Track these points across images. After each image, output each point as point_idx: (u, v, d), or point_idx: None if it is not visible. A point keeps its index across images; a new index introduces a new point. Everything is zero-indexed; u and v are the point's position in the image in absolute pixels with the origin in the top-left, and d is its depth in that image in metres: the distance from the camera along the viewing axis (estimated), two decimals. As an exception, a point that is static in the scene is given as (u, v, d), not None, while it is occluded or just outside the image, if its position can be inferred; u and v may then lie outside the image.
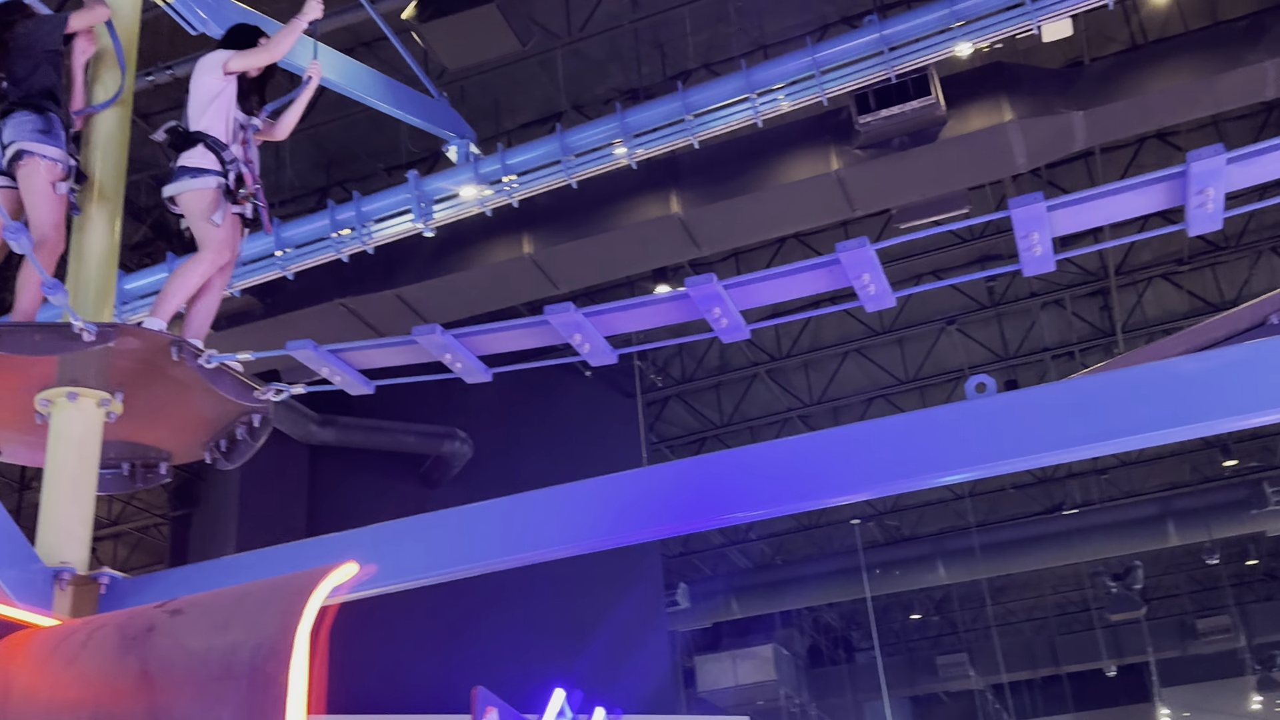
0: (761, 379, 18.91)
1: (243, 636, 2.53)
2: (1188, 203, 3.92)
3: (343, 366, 4.95)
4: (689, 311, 4.48)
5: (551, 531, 4.21)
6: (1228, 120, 13.52)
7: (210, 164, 5.08)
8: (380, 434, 15.65)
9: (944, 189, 11.16)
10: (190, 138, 5.15)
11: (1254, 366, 3.36)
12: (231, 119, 5.22)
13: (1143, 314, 18.07)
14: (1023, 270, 4.26)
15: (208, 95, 5.20)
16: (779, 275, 4.45)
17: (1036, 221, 4.03)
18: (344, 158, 13.79)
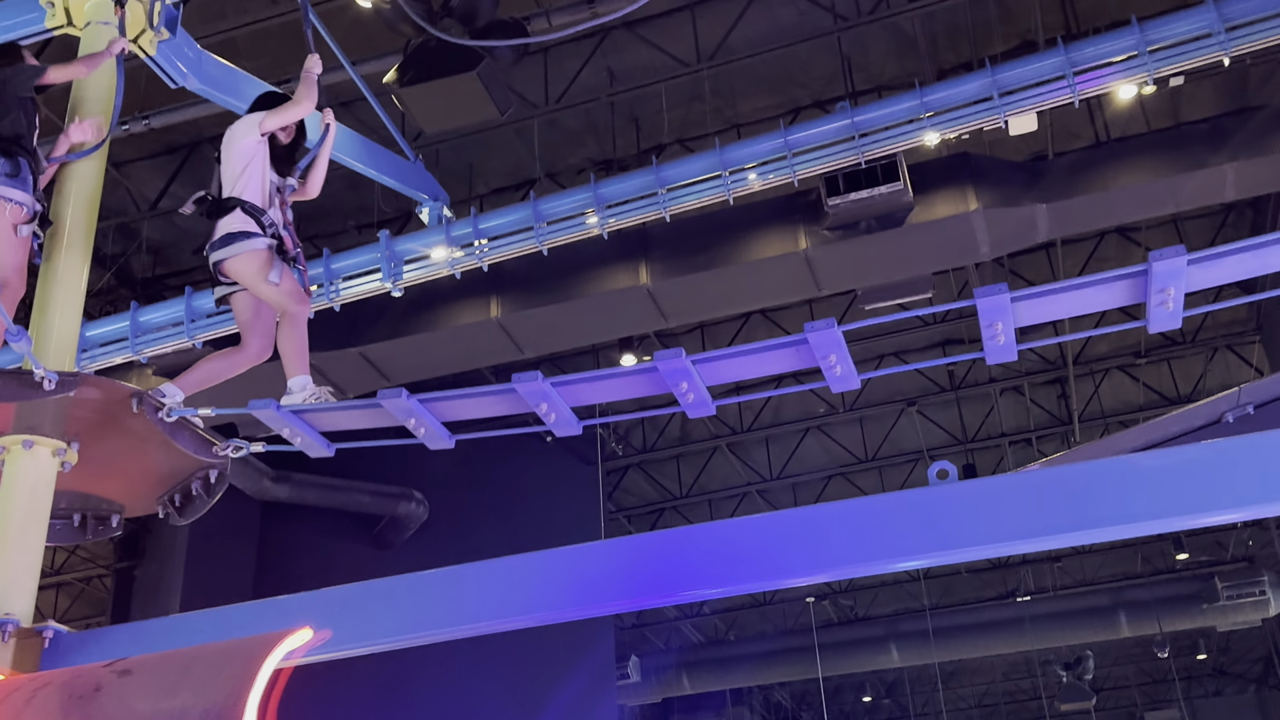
0: (722, 452, 18.92)
1: (191, 701, 2.48)
2: (1149, 300, 4.00)
3: (304, 428, 4.92)
4: (656, 385, 4.49)
5: (508, 602, 4.17)
6: (1188, 219, 13.86)
7: (252, 227, 5.11)
8: (335, 492, 15.48)
9: (909, 273, 11.32)
10: (226, 204, 5.17)
11: (1211, 466, 3.41)
12: (267, 182, 5.25)
13: (1099, 404, 18.31)
14: (986, 359, 4.33)
15: (243, 159, 5.23)
16: (747, 353, 4.49)
17: (1001, 312, 4.09)
18: (316, 214, 13.78)
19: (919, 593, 23.37)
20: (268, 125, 5.27)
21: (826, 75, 12.29)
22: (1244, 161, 10.31)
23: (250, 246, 5.07)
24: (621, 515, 20.16)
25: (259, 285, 5.13)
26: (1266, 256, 3.82)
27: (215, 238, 5.18)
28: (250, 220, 5.11)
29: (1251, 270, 3.92)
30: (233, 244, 5.09)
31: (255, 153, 5.25)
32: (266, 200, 5.22)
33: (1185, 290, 3.97)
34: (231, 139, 5.33)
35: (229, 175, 5.25)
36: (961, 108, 9.02)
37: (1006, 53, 11.61)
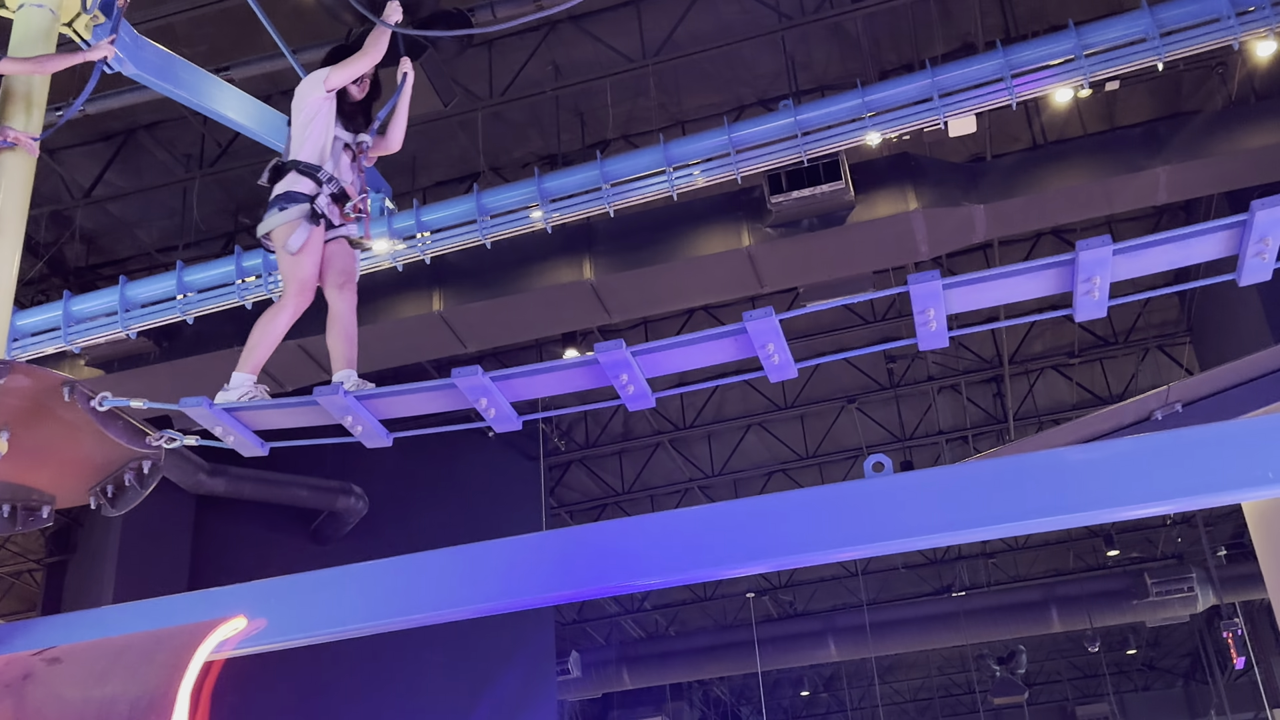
0: (665, 448, 18.98)
1: (121, 689, 2.46)
2: (1075, 289, 4.08)
3: (237, 426, 4.85)
4: (597, 378, 4.49)
5: (446, 593, 4.16)
6: (1121, 221, 14.13)
7: (304, 187, 4.94)
8: (272, 486, 15.27)
9: (850, 271, 11.44)
10: (282, 168, 5.02)
11: (1138, 460, 3.49)
12: (330, 138, 5.06)
13: (1034, 403, 18.63)
14: (918, 345, 4.40)
15: (307, 116, 5.06)
16: (686, 343, 4.51)
17: (933, 298, 4.16)
18: (253, 204, 13.60)
19: (856, 588, 23.62)
20: (333, 81, 5.06)
21: (770, 74, 12.37)
22: (1176, 165, 10.55)
23: (285, 217, 4.90)
24: (564, 511, 20.15)
25: (280, 254, 4.98)
26: (1190, 247, 3.91)
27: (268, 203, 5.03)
28: (303, 180, 4.94)
29: (1175, 261, 4.01)
30: (274, 210, 4.94)
31: (319, 109, 5.05)
32: (328, 154, 5.01)
33: (1111, 280, 4.06)
34: (298, 97, 5.13)
35: (295, 137, 5.08)
36: (902, 108, 9.14)
37: (947, 54, 11.76)
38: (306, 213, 4.92)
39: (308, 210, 4.92)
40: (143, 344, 11.29)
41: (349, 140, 5.14)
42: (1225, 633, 17.52)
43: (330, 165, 5.02)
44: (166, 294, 10.05)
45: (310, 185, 4.94)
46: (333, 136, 5.07)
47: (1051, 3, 11.66)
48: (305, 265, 4.97)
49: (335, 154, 5.06)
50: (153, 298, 10.10)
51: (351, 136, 5.15)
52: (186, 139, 12.62)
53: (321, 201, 4.95)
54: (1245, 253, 3.70)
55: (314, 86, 5.08)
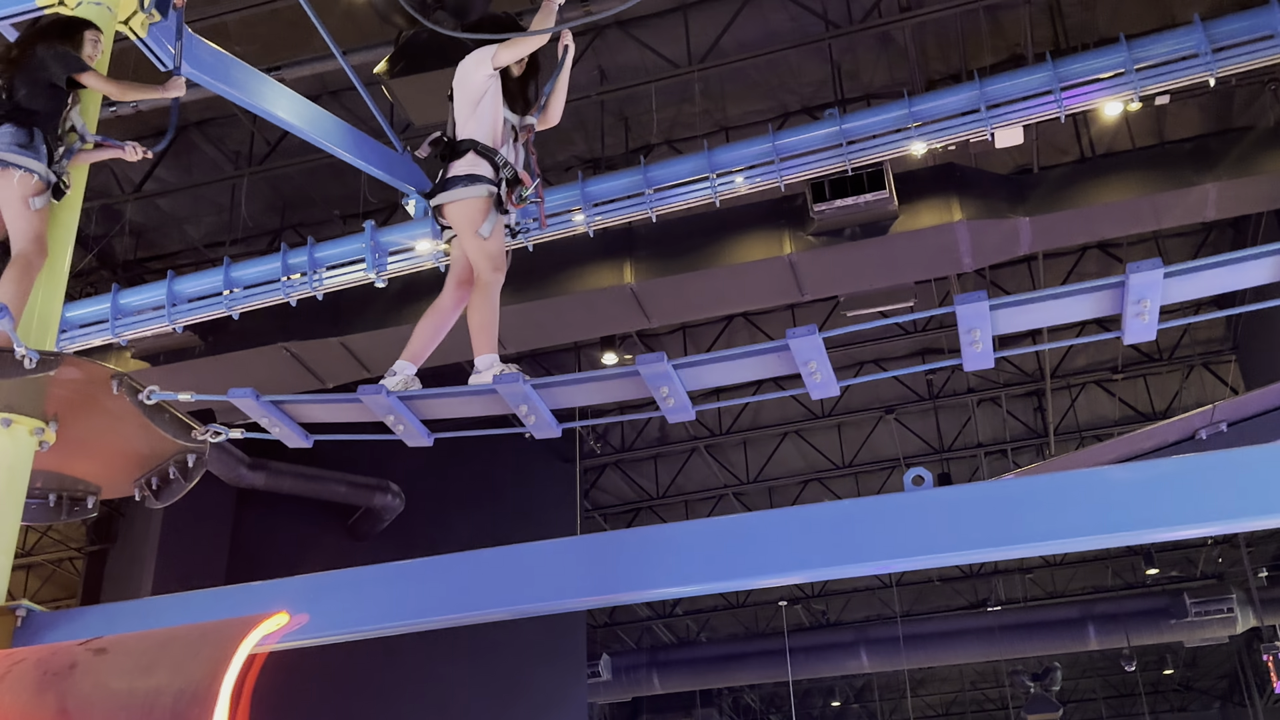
0: (700, 453, 18.97)
1: (166, 681, 2.49)
2: (1125, 312, 4.04)
3: (282, 419, 4.90)
4: (638, 389, 4.50)
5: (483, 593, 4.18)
6: (1168, 236, 13.98)
7: (484, 170, 4.84)
8: (311, 482, 15.41)
9: (891, 281, 11.39)
10: (460, 146, 4.91)
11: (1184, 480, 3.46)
12: (500, 119, 4.95)
13: (1075, 418, 18.44)
14: (963, 365, 4.37)
15: (474, 96, 4.95)
16: (728, 358, 4.52)
17: (979, 319, 4.13)
18: (300, 202, 13.77)
19: (891, 600, 23.48)
20: (501, 59, 4.92)
21: (816, 81, 12.34)
22: (1227, 182, 10.41)
23: (472, 193, 4.79)
24: (597, 514, 20.19)
25: (467, 236, 4.84)
26: (1242, 272, 3.87)
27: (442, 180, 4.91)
28: (482, 162, 4.83)
29: (1226, 285, 3.97)
30: (455, 188, 4.82)
31: (487, 89, 4.94)
32: (500, 139, 4.91)
33: (1161, 303, 4.02)
34: (462, 76, 5.03)
35: (460, 115, 4.97)
36: (949, 119, 9.09)
37: (995, 65, 11.69)
38: (493, 195, 4.82)
39: (495, 193, 4.82)
40: (188, 338, 11.44)
41: (515, 122, 5.00)
42: (1266, 655, 17.25)
43: (505, 149, 4.91)
44: (213, 289, 10.19)
45: (489, 169, 4.83)
46: (503, 118, 4.94)
47: (1103, 16, 11.56)
48: (496, 240, 4.86)
49: (504, 135, 4.94)
50: (200, 293, 10.23)
51: (518, 119, 5.01)
52: (236, 136, 12.77)
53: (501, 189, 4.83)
54: (1302, 278, 3.66)
55: (480, 64, 4.96)
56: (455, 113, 5.02)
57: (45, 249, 4.90)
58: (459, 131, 4.95)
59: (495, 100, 4.93)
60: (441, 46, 8.19)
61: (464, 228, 4.84)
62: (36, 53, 5.07)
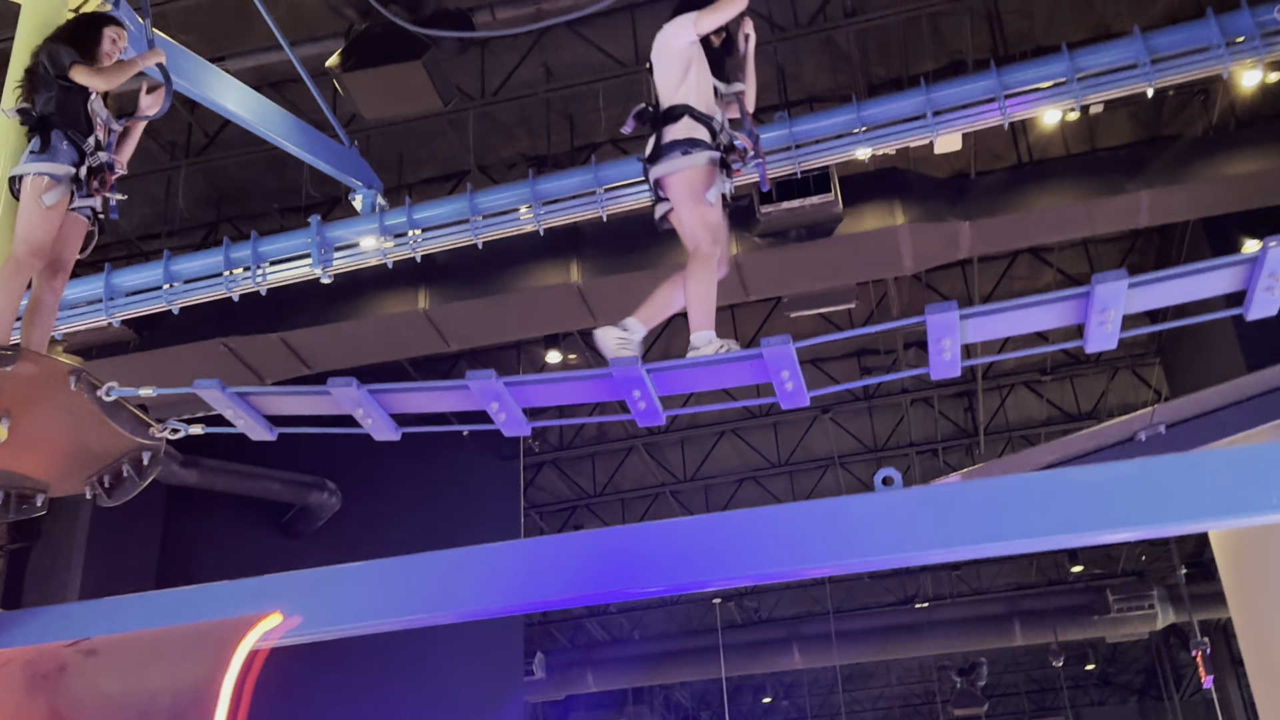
0: (638, 451, 19.03)
1: (164, 682, 2.47)
2: (1089, 321, 4.15)
3: (248, 410, 4.85)
4: (610, 391, 4.52)
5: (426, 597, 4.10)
6: (1097, 242, 14.33)
7: (702, 134, 4.69)
8: (245, 479, 15.17)
9: (834, 282, 11.53)
10: (673, 111, 4.73)
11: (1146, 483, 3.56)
12: (710, 86, 4.80)
13: (1005, 418, 18.82)
14: (931, 374, 4.46)
15: (680, 65, 4.79)
16: (701, 364, 4.58)
17: (949, 329, 4.22)
18: (237, 195, 13.54)
19: (822, 596, 23.75)
20: (704, 25, 4.79)
21: (761, 84, 12.31)
22: (1159, 189, 10.71)
23: (694, 161, 4.64)
24: (534, 512, 20.14)
25: (688, 204, 4.66)
26: (1202, 282, 4.00)
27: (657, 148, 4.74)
28: (699, 127, 4.68)
29: (1188, 295, 4.10)
30: (676, 155, 4.65)
31: (693, 55, 4.80)
32: (714, 107, 4.78)
33: (1124, 313, 4.15)
34: (664, 43, 4.87)
35: (667, 83, 4.80)
36: (895, 124, 9.20)
37: (937, 71, 11.90)
38: (717, 160, 4.68)
39: (718, 158, 4.68)
40: (122, 332, 11.19)
41: (723, 89, 4.88)
42: (1194, 651, 17.78)
43: (719, 115, 4.78)
44: (152, 283, 9.97)
45: (707, 134, 4.69)
46: (712, 85, 4.82)
47: (1040, 25, 11.82)
48: (717, 209, 4.73)
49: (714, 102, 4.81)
50: (138, 286, 10.01)
51: (725, 86, 4.89)
52: (173, 127, 12.52)
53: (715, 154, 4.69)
54: (1255, 288, 3.80)
55: (683, 30, 4.82)
56: (658, 82, 4.88)
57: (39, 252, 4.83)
58: (667, 99, 4.80)
59: (703, 66, 4.81)
60: (395, 42, 8.16)
61: (684, 196, 4.69)
62: (42, 58, 5.02)
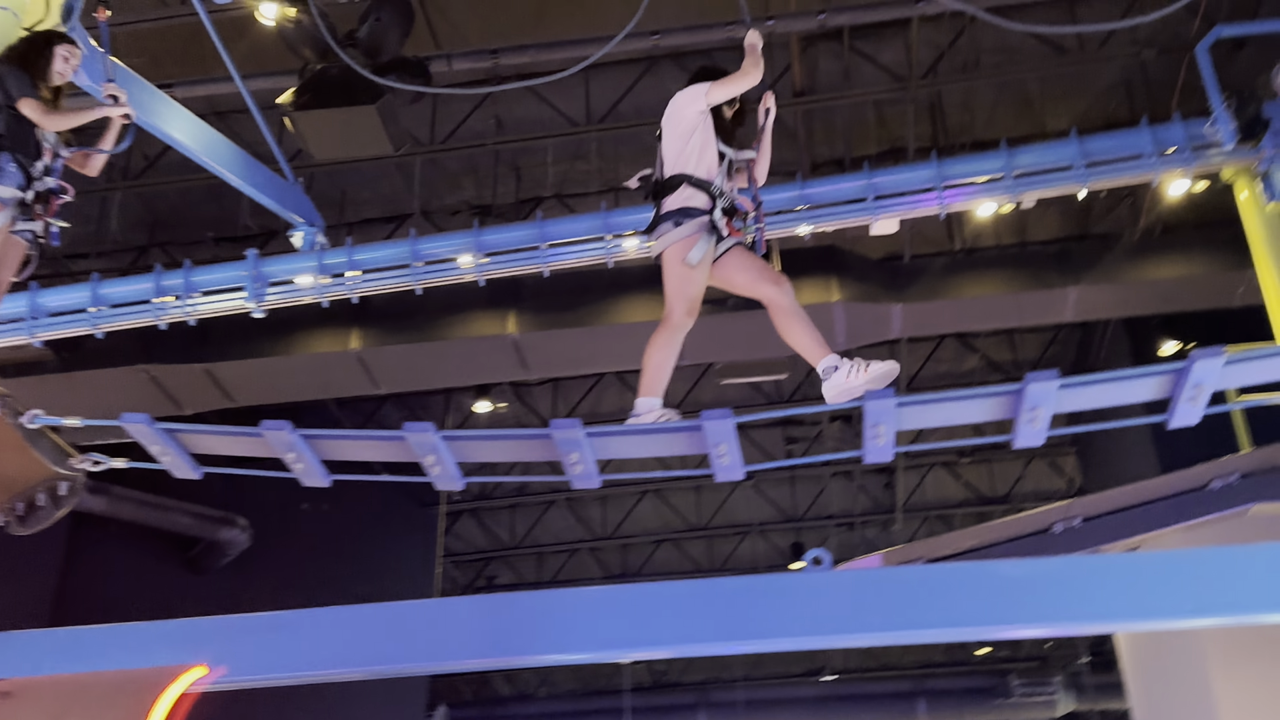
0: (559, 505, 18.92)
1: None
2: (1018, 418, 4.27)
3: (175, 448, 4.76)
4: (547, 451, 4.52)
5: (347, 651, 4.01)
6: (1022, 331, 14.69)
7: (698, 202, 4.79)
8: (154, 510, 14.74)
9: (767, 353, 11.66)
10: (671, 182, 4.87)
11: (1077, 580, 3.64)
12: (715, 152, 4.90)
13: (923, 496, 19.09)
14: (864, 458, 4.53)
15: (687, 131, 4.91)
16: (641, 431, 4.62)
17: (886, 415, 4.31)
18: (172, 221, 13.34)
19: (730, 663, 23.68)
20: (715, 96, 4.90)
21: (707, 153, 12.60)
22: (1085, 287, 11.05)
23: (684, 233, 4.75)
24: (449, 560, 19.87)
25: (673, 269, 4.81)
26: (1129, 387, 4.14)
27: (655, 220, 4.90)
28: (697, 194, 4.80)
29: (1114, 399, 4.23)
30: (668, 228, 4.80)
31: (698, 124, 4.90)
32: (714, 171, 4.86)
33: (1053, 411, 4.27)
34: (675, 111, 4.98)
35: (672, 151, 4.93)
36: (837, 205, 9.40)
37: (878, 155, 12.19)
38: (705, 226, 4.79)
39: (707, 224, 4.79)
40: (41, 352, 10.90)
41: (731, 155, 4.98)
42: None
43: (719, 180, 4.88)
44: (78, 304, 9.73)
45: (705, 200, 4.81)
46: (717, 151, 4.92)
47: (981, 119, 12.19)
48: (699, 282, 4.84)
49: (720, 168, 4.92)
50: (63, 307, 9.76)
51: (734, 152, 4.99)
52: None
53: (717, 216, 4.80)
54: (1179, 397, 3.94)
55: (693, 100, 4.94)
56: (665, 150, 5.01)
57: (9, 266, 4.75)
58: (670, 168, 4.95)
59: (708, 134, 4.92)
60: (350, 84, 8.16)
61: (673, 265, 4.83)
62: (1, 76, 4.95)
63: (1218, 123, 8.04)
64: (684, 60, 11.50)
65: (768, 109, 5.19)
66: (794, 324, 4.83)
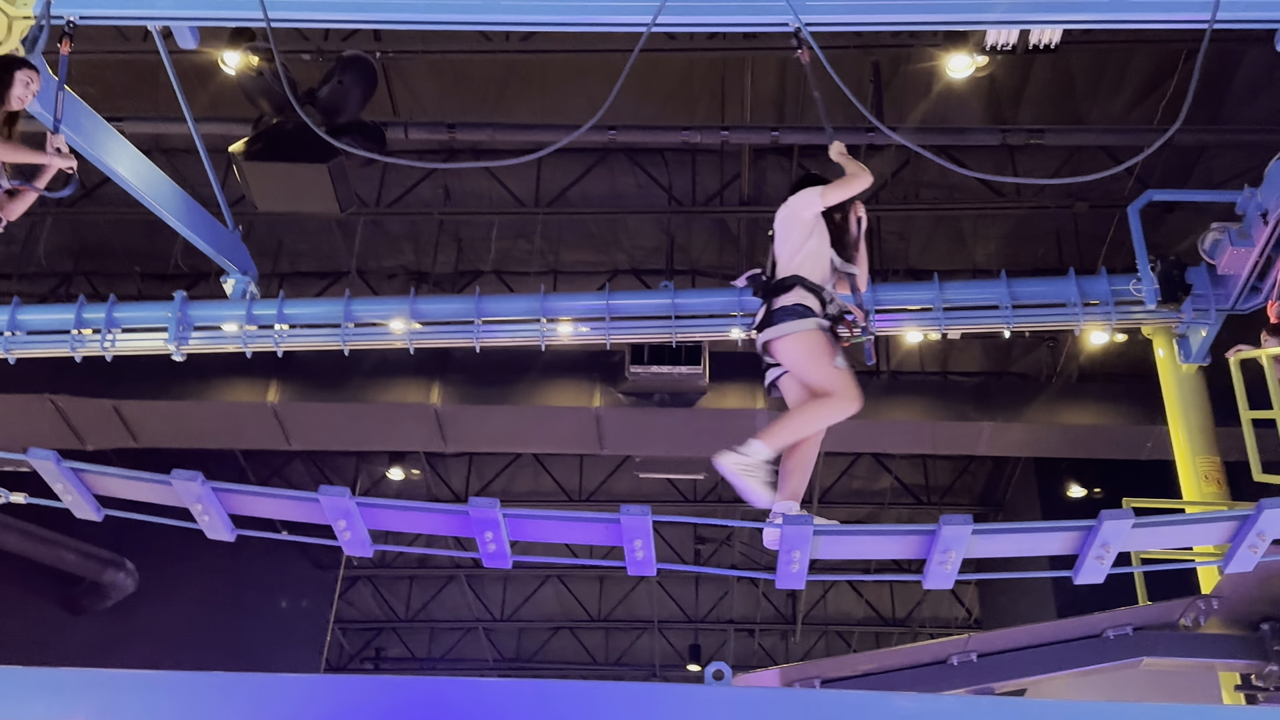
0: (459, 581, 18.62)
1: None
2: (930, 559, 4.32)
3: (80, 489, 4.63)
4: (463, 528, 4.47)
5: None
6: (936, 458, 14.94)
7: (811, 303, 4.74)
8: (39, 543, 14.14)
9: (688, 451, 11.71)
10: (785, 282, 4.81)
11: None
12: (828, 259, 4.89)
13: (824, 609, 19.15)
14: (776, 582, 4.55)
15: (803, 233, 4.90)
16: (557, 519, 4.57)
17: (801, 542, 4.34)
18: (100, 251, 13.10)
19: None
20: (830, 198, 4.90)
21: (649, 248, 12.80)
22: (1000, 424, 11.31)
23: (804, 325, 4.72)
24: (338, 626, 19.36)
25: (813, 361, 4.76)
26: (1041, 540, 4.24)
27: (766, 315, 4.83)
28: (809, 296, 4.76)
29: (1025, 550, 4.32)
30: (787, 319, 4.74)
31: (814, 227, 4.90)
32: (828, 277, 4.86)
33: (965, 555, 4.34)
34: (791, 214, 4.97)
35: (787, 250, 4.91)
36: (772, 314, 9.53)
37: (815, 271, 12.44)
38: (826, 327, 4.78)
39: (827, 326, 4.78)
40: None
41: (838, 264, 4.98)
42: None
43: (829, 286, 4.88)
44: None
45: (816, 303, 4.79)
46: (829, 257, 4.93)
47: (914, 249, 12.55)
48: (847, 373, 4.82)
49: (831, 275, 4.93)
50: (-26, 328, 9.45)
51: (841, 263, 5.00)
52: (49, 171, 12.10)
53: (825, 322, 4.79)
54: (1086, 554, 4.04)
55: (809, 204, 4.94)
56: (778, 251, 5.00)
57: None
58: (783, 269, 4.92)
59: (823, 239, 4.94)
60: (303, 141, 8.14)
61: (804, 356, 4.80)
62: None
63: (1142, 281, 8.32)
64: (636, 155, 11.72)
65: (859, 218, 5.19)
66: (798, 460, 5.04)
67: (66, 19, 5.87)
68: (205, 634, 14.12)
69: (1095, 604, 7.47)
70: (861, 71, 10.30)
